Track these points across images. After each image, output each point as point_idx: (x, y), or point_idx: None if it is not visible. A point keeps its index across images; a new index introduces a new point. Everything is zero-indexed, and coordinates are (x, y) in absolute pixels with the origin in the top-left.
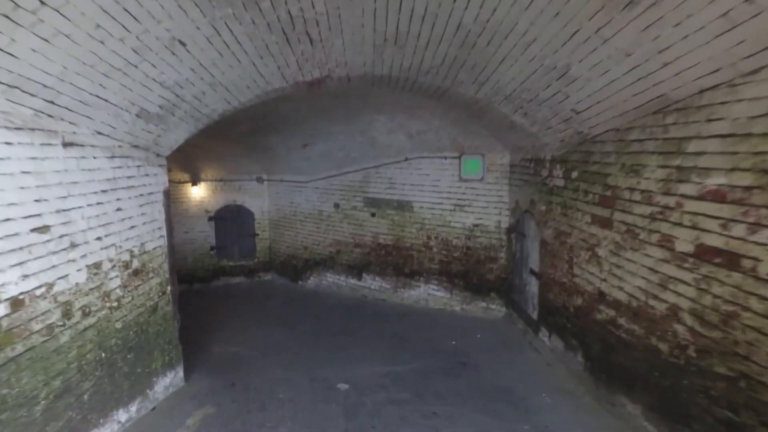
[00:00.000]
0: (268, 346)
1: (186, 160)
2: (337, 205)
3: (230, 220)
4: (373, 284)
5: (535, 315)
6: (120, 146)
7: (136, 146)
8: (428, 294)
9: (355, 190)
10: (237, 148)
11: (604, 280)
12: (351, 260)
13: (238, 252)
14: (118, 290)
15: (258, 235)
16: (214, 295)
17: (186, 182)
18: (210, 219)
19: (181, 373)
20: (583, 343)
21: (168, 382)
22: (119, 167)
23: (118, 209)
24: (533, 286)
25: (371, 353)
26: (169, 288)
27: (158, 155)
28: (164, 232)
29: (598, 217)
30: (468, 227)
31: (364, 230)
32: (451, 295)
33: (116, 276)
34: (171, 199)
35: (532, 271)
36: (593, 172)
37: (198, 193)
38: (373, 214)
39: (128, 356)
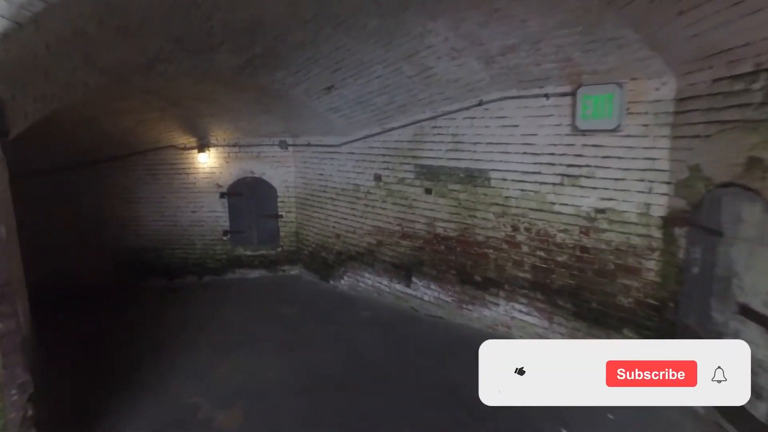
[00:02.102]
0: (250, 393)
1: (188, 119)
2: (378, 177)
3: (247, 197)
4: (426, 293)
5: (763, 409)
6: None
7: None
8: (511, 317)
9: (403, 154)
10: (246, 99)
11: None
12: (396, 257)
13: (257, 238)
14: None
15: (282, 216)
16: (222, 292)
17: (191, 148)
18: (222, 196)
19: None
20: None
21: None
22: None
23: None
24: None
25: None
26: None
27: None
28: None
29: None
30: (585, 213)
31: (416, 214)
32: (549, 323)
33: None
34: (174, 170)
35: (745, 310)
36: None
37: (207, 162)
38: (428, 191)
39: None
